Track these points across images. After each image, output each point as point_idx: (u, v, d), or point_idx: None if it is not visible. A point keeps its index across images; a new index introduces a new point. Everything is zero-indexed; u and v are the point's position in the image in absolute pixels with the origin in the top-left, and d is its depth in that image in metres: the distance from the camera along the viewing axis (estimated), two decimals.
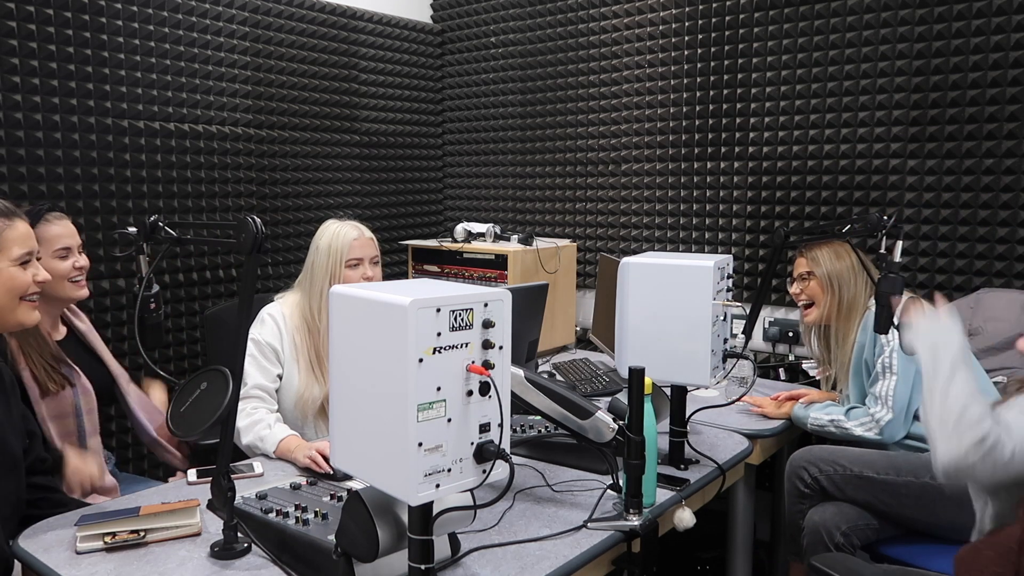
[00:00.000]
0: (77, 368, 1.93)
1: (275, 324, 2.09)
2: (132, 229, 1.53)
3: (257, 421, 1.96)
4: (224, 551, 1.39)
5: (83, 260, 1.95)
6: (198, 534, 1.47)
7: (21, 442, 1.60)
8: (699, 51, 3.02)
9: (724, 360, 1.84)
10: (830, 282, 2.25)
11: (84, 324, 2.09)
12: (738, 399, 2.23)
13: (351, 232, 2.14)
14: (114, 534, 1.41)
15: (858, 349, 2.21)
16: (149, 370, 1.87)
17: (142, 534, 1.42)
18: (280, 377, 2.08)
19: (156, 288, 1.55)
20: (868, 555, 2.02)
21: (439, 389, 1.08)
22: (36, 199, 2.40)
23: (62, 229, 1.91)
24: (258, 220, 1.34)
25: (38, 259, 1.63)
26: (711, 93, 3.00)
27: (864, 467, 2.02)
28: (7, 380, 1.60)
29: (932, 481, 1.88)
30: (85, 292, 1.96)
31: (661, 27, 3.12)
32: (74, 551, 1.39)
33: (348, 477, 1.69)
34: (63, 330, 2.02)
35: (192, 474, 1.76)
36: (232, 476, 1.72)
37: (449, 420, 1.09)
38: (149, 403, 2.14)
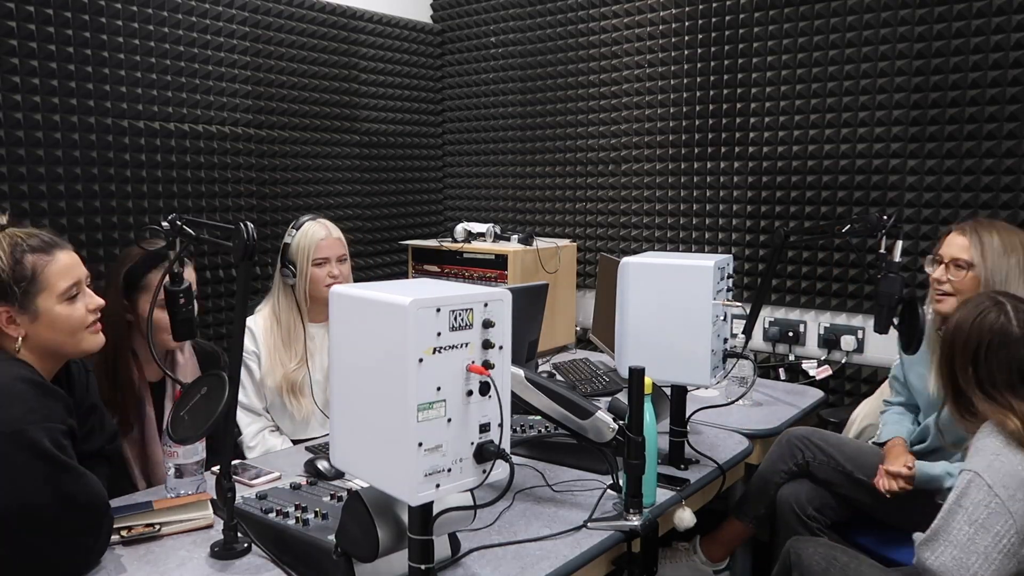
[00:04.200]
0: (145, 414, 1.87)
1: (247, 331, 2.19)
2: (165, 224, 1.48)
3: (267, 450, 2.10)
4: (224, 551, 1.39)
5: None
6: (210, 526, 1.49)
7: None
8: (699, 51, 3.02)
9: (724, 360, 1.84)
10: (991, 282, 1.84)
11: (181, 360, 1.97)
12: (738, 399, 2.23)
13: (319, 231, 2.22)
14: (130, 528, 1.44)
15: None
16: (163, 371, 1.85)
17: (157, 527, 1.45)
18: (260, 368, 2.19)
19: (187, 283, 1.54)
20: (838, 536, 2.02)
21: (439, 389, 1.08)
22: (36, 199, 2.41)
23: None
24: (251, 226, 1.32)
25: (88, 285, 1.51)
26: (711, 93, 3.00)
27: (856, 469, 2.01)
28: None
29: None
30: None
31: (661, 27, 3.12)
32: None
33: (339, 476, 1.71)
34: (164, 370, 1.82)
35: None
36: (251, 478, 1.73)
37: (449, 420, 1.09)
38: None
